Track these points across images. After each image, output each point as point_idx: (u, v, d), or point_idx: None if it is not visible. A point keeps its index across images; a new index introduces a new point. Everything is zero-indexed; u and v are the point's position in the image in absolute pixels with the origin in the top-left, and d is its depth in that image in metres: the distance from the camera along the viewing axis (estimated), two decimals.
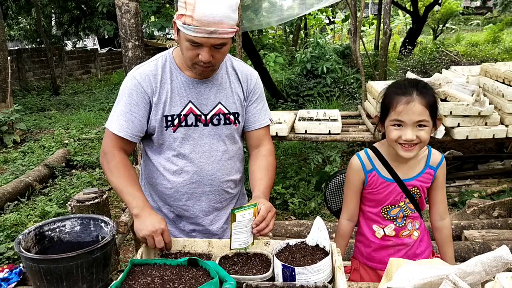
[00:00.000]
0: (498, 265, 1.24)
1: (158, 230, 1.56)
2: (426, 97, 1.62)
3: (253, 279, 1.43)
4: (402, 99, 1.62)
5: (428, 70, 9.15)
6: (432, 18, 14.92)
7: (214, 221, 1.93)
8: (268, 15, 7.55)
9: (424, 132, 1.63)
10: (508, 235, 3.47)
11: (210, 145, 1.81)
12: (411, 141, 1.63)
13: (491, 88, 4.41)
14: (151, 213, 1.62)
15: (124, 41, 3.92)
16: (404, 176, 1.77)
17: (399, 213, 1.80)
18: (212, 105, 1.80)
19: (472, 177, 5.17)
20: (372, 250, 1.87)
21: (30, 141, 7.72)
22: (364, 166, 1.80)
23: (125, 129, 1.73)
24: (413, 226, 1.84)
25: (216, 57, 1.65)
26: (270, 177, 1.84)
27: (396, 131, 1.65)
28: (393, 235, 1.83)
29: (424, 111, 1.61)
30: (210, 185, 1.85)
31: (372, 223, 1.85)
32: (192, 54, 1.63)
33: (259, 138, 1.93)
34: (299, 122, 4.42)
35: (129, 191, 1.69)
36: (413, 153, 1.66)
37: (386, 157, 1.78)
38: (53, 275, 1.36)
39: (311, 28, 16.44)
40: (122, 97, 1.76)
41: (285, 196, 4.76)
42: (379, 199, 1.80)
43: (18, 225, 4.25)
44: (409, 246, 1.84)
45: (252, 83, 1.90)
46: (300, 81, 8.93)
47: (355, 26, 9.68)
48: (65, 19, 14.38)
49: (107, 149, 1.76)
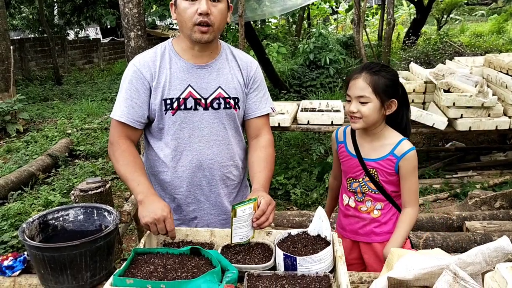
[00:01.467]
0: (498, 256, 1.25)
1: (161, 217, 1.53)
2: (372, 76, 1.80)
3: (255, 268, 1.45)
4: (352, 77, 1.86)
5: (432, 61, 9.09)
6: (436, 8, 14.79)
7: (215, 209, 1.93)
8: (271, 5, 7.50)
9: (365, 108, 1.81)
10: (510, 226, 3.48)
11: (210, 129, 1.82)
12: (352, 112, 1.83)
13: (494, 79, 4.39)
14: (154, 200, 1.61)
15: (127, 31, 3.91)
16: (366, 155, 1.93)
17: (357, 188, 1.96)
18: (212, 89, 1.80)
19: (474, 168, 5.17)
20: (340, 215, 2.11)
21: (33, 131, 7.75)
22: (337, 138, 2.06)
23: (126, 115, 1.76)
24: (372, 205, 1.96)
25: (214, 13, 1.68)
26: (269, 169, 1.85)
27: (347, 105, 1.88)
28: (353, 206, 2.00)
29: (366, 87, 1.80)
30: (210, 169, 1.85)
31: (344, 191, 2.06)
32: (190, 12, 1.67)
33: (258, 127, 1.93)
34: (301, 112, 4.41)
35: (133, 177, 1.68)
36: (358, 125, 1.85)
37: (357, 135, 1.98)
38: (57, 263, 1.37)
39: (314, 18, 16.35)
40: (123, 85, 1.79)
41: (287, 186, 4.77)
42: (344, 170, 2.02)
43: (22, 214, 4.28)
44: (367, 221, 1.97)
45: (252, 70, 1.90)
46: (303, 72, 8.90)
47: (359, 16, 9.63)
48: (68, 9, 14.29)
49: (113, 138, 1.78)
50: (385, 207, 1.95)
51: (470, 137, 5.99)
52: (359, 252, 2.05)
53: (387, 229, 1.96)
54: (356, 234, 2.01)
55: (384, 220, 1.96)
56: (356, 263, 2.06)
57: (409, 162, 1.86)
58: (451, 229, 3.62)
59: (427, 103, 4.54)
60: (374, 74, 1.81)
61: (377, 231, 1.97)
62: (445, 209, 4.12)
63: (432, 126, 4.05)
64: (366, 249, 2.01)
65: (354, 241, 2.04)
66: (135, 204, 2.74)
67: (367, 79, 1.80)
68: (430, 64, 8.68)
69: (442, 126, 4.03)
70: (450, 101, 4.03)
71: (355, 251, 2.05)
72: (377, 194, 1.93)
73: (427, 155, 5.66)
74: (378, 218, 1.96)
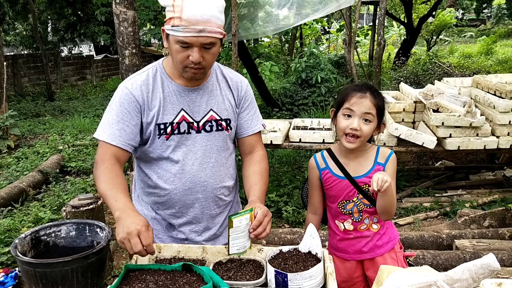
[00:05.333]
0: (485, 273, 1.27)
1: (133, 231, 1.40)
2: (376, 98, 1.86)
3: (247, 285, 1.46)
4: (356, 94, 1.86)
5: (421, 81, 9.24)
6: (426, 29, 15.08)
7: (207, 229, 1.93)
8: (264, 24, 7.60)
9: (367, 127, 1.84)
10: (499, 245, 3.51)
11: (203, 152, 1.83)
12: (354, 130, 1.82)
13: (482, 99, 4.47)
14: (130, 215, 1.48)
15: (122, 49, 3.95)
16: (354, 174, 1.93)
17: (353, 208, 1.96)
18: (204, 112, 1.82)
19: (463, 187, 5.22)
20: (337, 241, 2.06)
21: (24, 147, 7.70)
22: (318, 165, 2.02)
23: (117, 137, 1.71)
24: (370, 220, 1.98)
25: (206, 58, 1.66)
26: (264, 182, 1.87)
27: (346, 120, 1.87)
28: (351, 229, 1.99)
29: (372, 107, 1.83)
30: (203, 191, 1.86)
31: (335, 218, 2.04)
32: (182, 56, 1.65)
33: (252, 144, 1.96)
34: (293, 130, 4.45)
35: (111, 193, 1.59)
36: (354, 145, 1.86)
37: (338, 156, 1.98)
38: (49, 279, 1.37)
39: (307, 38, 16.56)
40: (113, 106, 1.75)
41: (279, 204, 4.78)
42: (334, 195, 1.98)
43: (12, 230, 4.24)
44: (369, 237, 1.99)
45: (243, 90, 1.92)
46: (295, 90, 8.98)
47: (350, 37, 9.78)
48: (61, 25, 14.40)
49: (99, 158, 1.72)
50: (379, 218, 1.97)
51: (459, 156, 6.07)
52: (362, 270, 2.05)
53: (387, 238, 2.00)
54: (360, 253, 2.01)
55: (383, 231, 1.99)
56: (359, 281, 2.06)
57: (393, 163, 1.93)
58: (441, 247, 3.65)
59: (416, 122, 4.61)
60: (377, 97, 1.87)
61: (379, 243, 1.99)
62: (435, 228, 4.15)
63: (421, 145, 4.10)
64: (369, 265, 2.02)
65: (358, 260, 2.03)
66: None
67: (373, 100, 1.84)
68: (419, 84, 8.83)
69: (432, 145, 4.09)
70: (439, 120, 4.10)
71: (358, 269, 2.05)
72: (371, 208, 1.95)
73: (417, 173, 5.72)
74: (378, 231, 1.98)
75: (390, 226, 2.05)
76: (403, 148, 4.17)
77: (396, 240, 2.04)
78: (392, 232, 2.04)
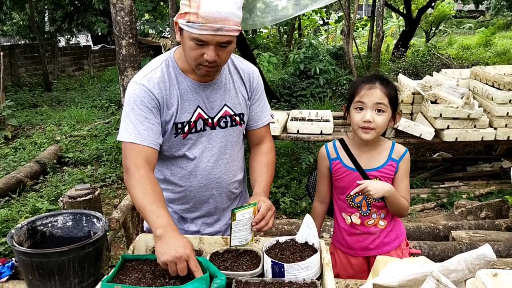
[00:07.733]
0: (481, 263, 1.28)
1: (183, 256, 1.37)
2: (386, 87, 1.80)
3: (243, 275, 1.46)
4: (365, 86, 1.81)
5: (420, 72, 9.23)
6: (425, 21, 15.04)
7: (218, 220, 1.93)
8: (263, 15, 7.56)
9: (381, 118, 1.79)
10: (495, 236, 3.53)
11: (218, 149, 1.80)
12: (368, 122, 1.77)
13: (480, 91, 4.47)
14: (175, 236, 1.44)
15: (118, 39, 3.92)
16: (366, 166, 1.88)
17: (362, 201, 1.91)
18: (219, 107, 1.78)
19: (460, 178, 5.24)
20: (344, 235, 2.00)
21: (21, 137, 7.68)
22: (329, 155, 1.97)
23: (146, 137, 1.63)
24: (378, 215, 1.93)
25: (222, 56, 1.59)
26: (270, 174, 1.87)
27: (358, 114, 1.81)
28: (358, 223, 1.94)
29: (384, 97, 1.78)
30: (218, 188, 1.85)
31: (342, 210, 1.99)
32: (196, 54, 1.57)
33: (261, 136, 1.95)
34: (291, 122, 4.45)
35: (152, 208, 1.51)
36: (370, 136, 1.80)
37: (351, 147, 1.92)
38: (45, 269, 1.38)
39: (305, 29, 16.49)
40: (133, 105, 1.65)
41: (277, 195, 4.79)
42: (343, 186, 1.93)
43: (9, 221, 4.24)
44: (376, 234, 1.94)
45: (255, 81, 1.88)
46: (293, 81, 8.96)
47: (348, 28, 9.75)
48: (58, 15, 14.27)
49: (129, 163, 1.61)
50: (387, 213, 1.94)
51: (456, 147, 6.08)
52: (368, 266, 2.01)
53: (394, 235, 1.97)
54: (367, 250, 1.97)
55: (390, 228, 1.95)
56: (365, 276, 2.03)
57: (407, 162, 1.90)
58: (438, 238, 3.66)
59: (414, 114, 4.61)
60: (387, 85, 1.81)
61: (386, 240, 1.95)
62: (432, 219, 4.17)
63: (419, 136, 4.10)
64: None
65: (365, 257, 2.00)
66: (124, 212, 2.73)
67: (383, 90, 1.78)
68: (418, 75, 8.83)
69: (429, 137, 4.09)
70: (437, 112, 4.10)
71: (365, 266, 2.02)
72: (379, 202, 1.90)
73: (415, 165, 5.73)
74: (385, 228, 1.94)
75: (397, 222, 2.00)
76: (400, 140, 4.17)
77: (403, 237, 2.01)
78: (399, 229, 2.00)
